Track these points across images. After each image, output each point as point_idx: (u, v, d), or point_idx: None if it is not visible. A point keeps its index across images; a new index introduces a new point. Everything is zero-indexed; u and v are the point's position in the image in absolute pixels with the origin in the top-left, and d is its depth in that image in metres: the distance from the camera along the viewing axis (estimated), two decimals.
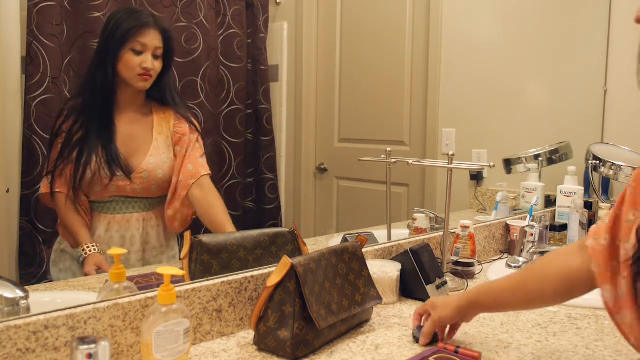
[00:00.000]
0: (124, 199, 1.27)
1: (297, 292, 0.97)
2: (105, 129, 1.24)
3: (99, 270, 1.20)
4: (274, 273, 0.99)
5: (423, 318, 1.06)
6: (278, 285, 0.99)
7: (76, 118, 1.23)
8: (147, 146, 1.29)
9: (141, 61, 1.24)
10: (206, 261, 1.11)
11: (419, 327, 1.05)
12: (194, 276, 1.09)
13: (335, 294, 1.06)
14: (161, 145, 1.31)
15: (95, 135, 1.23)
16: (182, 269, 1.09)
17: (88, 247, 1.22)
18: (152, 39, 1.25)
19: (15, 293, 0.89)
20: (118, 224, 1.27)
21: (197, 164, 1.36)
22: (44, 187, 1.23)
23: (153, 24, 1.27)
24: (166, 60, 1.30)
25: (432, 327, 1.01)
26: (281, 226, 1.88)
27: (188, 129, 1.35)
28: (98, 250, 1.23)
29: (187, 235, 1.13)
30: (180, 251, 1.24)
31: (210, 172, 1.38)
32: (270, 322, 0.97)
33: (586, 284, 0.78)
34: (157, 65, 1.27)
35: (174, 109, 1.35)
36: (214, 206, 1.37)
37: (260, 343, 0.99)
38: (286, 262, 0.98)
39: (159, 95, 1.32)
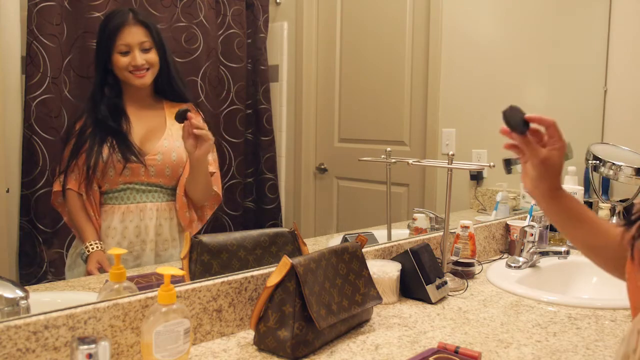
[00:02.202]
0: (138, 187, 1.28)
1: (297, 292, 0.97)
2: (116, 119, 1.27)
3: (101, 268, 1.21)
4: (274, 273, 0.99)
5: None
6: (278, 285, 0.99)
7: (87, 117, 1.26)
8: (161, 132, 1.32)
9: (129, 60, 1.25)
10: (206, 261, 1.11)
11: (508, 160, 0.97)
12: (194, 276, 1.09)
13: (335, 294, 1.06)
14: (175, 133, 1.33)
15: (106, 125, 1.25)
16: (182, 269, 1.09)
17: (91, 245, 1.22)
18: (133, 36, 1.25)
19: (15, 293, 0.89)
20: (132, 214, 1.28)
21: (210, 162, 1.40)
22: (56, 186, 1.25)
23: (131, 21, 1.26)
24: (159, 51, 1.29)
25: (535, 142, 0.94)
26: (281, 226, 1.88)
27: (202, 122, 1.37)
28: (101, 248, 1.23)
29: (187, 235, 1.13)
30: None
31: (217, 171, 1.43)
32: (270, 322, 0.97)
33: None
34: (151, 58, 1.27)
35: (186, 104, 1.36)
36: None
37: (260, 343, 0.99)
38: (286, 262, 0.98)
39: (167, 90, 1.33)
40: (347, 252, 1.13)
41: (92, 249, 1.22)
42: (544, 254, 1.59)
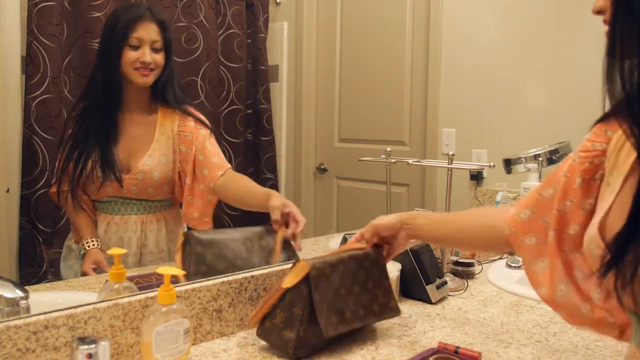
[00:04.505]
0: (122, 200, 1.26)
1: (309, 296, 0.95)
2: (105, 131, 1.23)
3: (97, 269, 1.20)
4: (290, 275, 0.97)
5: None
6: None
7: (82, 121, 1.23)
8: (147, 147, 1.28)
9: (138, 56, 1.21)
10: (199, 252, 1.10)
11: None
12: (188, 269, 1.09)
13: (351, 301, 1.02)
14: (162, 147, 1.29)
15: (95, 137, 1.22)
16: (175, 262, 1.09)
17: (87, 243, 1.21)
18: (148, 32, 1.22)
19: (15, 293, 0.89)
20: (116, 225, 1.26)
21: (222, 157, 1.35)
22: (52, 187, 1.24)
23: (148, 17, 1.23)
24: (167, 54, 1.27)
25: (367, 229, 1.07)
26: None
27: (194, 125, 1.32)
28: (98, 246, 1.22)
29: (181, 231, 1.13)
30: None
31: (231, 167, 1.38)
32: (277, 320, 0.97)
33: (503, 244, 0.89)
34: (158, 59, 1.24)
35: (178, 108, 1.31)
36: (246, 184, 1.37)
37: (263, 336, 0.99)
38: (304, 265, 0.96)
39: (163, 93, 1.29)
40: (368, 259, 1.08)
41: (89, 246, 1.21)
42: None
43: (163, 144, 1.29)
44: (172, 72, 1.30)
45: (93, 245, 1.21)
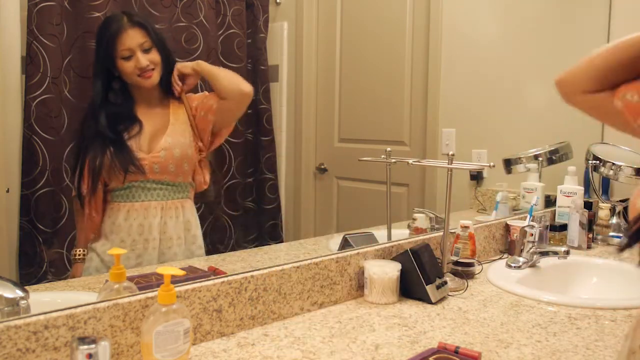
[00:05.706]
0: (143, 185, 1.29)
1: None
2: (122, 125, 1.28)
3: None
4: None
5: None
6: None
7: (91, 125, 1.28)
8: (164, 129, 1.33)
9: (134, 64, 1.26)
10: None
11: None
12: None
13: None
14: (178, 129, 1.35)
15: (109, 134, 1.27)
16: None
17: (78, 251, 1.26)
18: (132, 39, 1.26)
19: (15, 293, 0.89)
20: (137, 212, 1.29)
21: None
22: (83, 187, 1.28)
23: (127, 25, 1.27)
24: (159, 50, 1.31)
25: None
26: (281, 226, 1.88)
27: (201, 95, 1.40)
28: (83, 260, 1.25)
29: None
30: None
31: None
32: None
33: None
34: (154, 57, 1.29)
35: (185, 95, 1.38)
36: None
37: None
38: None
39: (169, 88, 1.35)
40: None
41: (77, 256, 1.25)
42: (544, 254, 1.59)
43: (179, 127, 1.35)
44: (175, 65, 1.35)
45: (80, 256, 1.25)
